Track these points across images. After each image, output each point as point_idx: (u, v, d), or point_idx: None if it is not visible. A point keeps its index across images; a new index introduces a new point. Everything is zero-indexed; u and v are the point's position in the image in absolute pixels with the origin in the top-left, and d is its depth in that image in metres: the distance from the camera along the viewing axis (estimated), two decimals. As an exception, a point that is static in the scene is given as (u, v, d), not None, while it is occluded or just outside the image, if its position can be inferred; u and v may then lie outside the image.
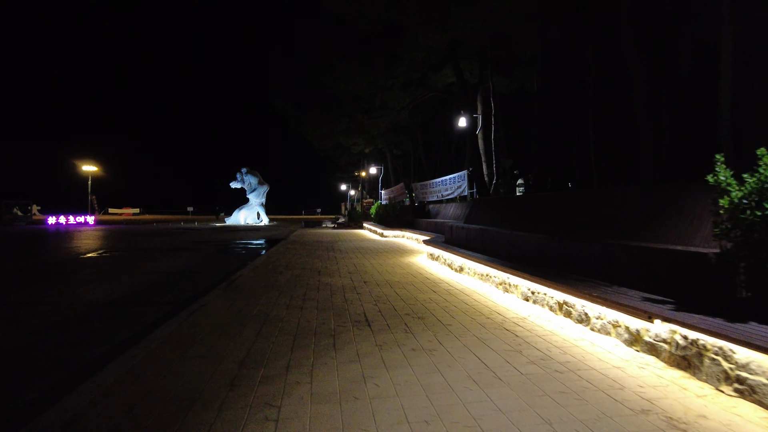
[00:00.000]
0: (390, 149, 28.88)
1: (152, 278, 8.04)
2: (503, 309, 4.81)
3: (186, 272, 8.93)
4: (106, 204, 70.05)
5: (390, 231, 16.65)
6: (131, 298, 6.34)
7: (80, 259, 11.30)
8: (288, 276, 7.22)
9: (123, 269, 9.30)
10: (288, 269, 8.06)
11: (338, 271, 7.74)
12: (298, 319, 4.41)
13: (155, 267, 9.65)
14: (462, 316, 4.48)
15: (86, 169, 57.51)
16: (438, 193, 17.48)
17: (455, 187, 15.69)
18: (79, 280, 7.79)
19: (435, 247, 8.74)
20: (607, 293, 3.71)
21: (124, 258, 11.48)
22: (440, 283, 6.49)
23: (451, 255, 7.74)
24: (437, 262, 8.73)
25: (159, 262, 10.47)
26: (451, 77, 15.98)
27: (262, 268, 8.17)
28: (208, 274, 8.56)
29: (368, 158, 33.04)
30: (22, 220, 31.09)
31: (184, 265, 9.95)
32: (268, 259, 9.67)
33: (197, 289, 6.94)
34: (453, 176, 15.93)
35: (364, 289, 5.96)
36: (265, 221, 38.21)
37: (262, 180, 38.91)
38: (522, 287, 5.22)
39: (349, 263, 8.94)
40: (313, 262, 9.09)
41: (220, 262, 10.58)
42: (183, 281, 7.73)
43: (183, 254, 12.44)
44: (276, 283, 6.48)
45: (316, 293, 5.73)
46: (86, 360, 3.71)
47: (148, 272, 8.84)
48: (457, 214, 13.30)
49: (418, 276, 7.15)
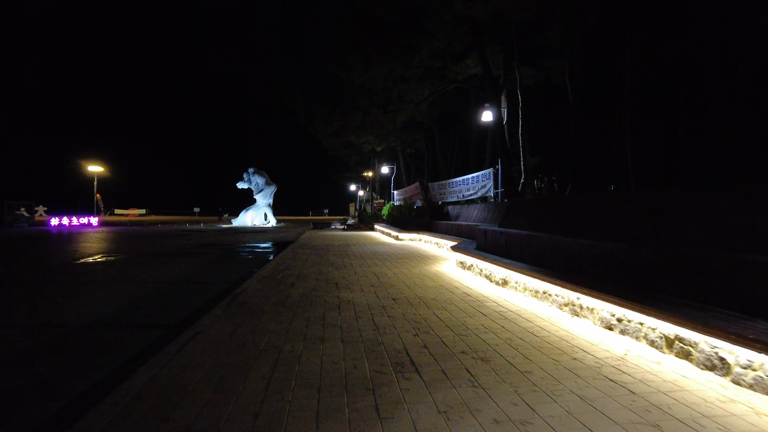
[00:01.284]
0: (403, 148, 27.76)
1: (147, 290, 7.02)
2: (585, 343, 3.71)
3: (186, 282, 7.92)
4: (112, 205, 69.63)
5: (405, 234, 15.58)
6: (117, 317, 5.32)
7: (73, 265, 10.34)
8: (301, 289, 6.17)
9: (117, 278, 8.31)
10: (300, 280, 7.01)
11: (358, 283, 6.67)
12: (320, 357, 3.35)
13: (153, 275, 8.65)
14: (537, 355, 3.39)
15: (92, 169, 57.04)
16: (458, 194, 16.34)
17: (479, 187, 14.57)
18: (64, 293, 6.79)
19: (466, 254, 7.65)
20: (756, 330, 2.61)
21: (120, 264, 10.51)
22: (485, 301, 5.39)
23: (490, 265, 6.65)
24: (470, 272, 7.64)
25: (158, 270, 9.47)
26: (473, 68, 14.87)
27: (271, 279, 7.13)
28: (210, 285, 7.53)
29: (380, 157, 31.92)
30: (25, 222, 30.34)
31: (185, 274, 8.94)
32: (276, 267, 8.63)
33: (196, 304, 5.92)
34: (476, 175, 14.82)
35: (395, 310, 4.89)
36: (272, 223, 37.27)
37: (269, 180, 37.98)
38: (602, 312, 4.12)
39: (369, 272, 7.87)
40: (328, 271, 8.04)
41: (225, 270, 9.57)
42: (181, 294, 6.70)
43: (185, 260, 11.45)
44: (287, 300, 5.42)
45: (337, 315, 4.67)
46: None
47: (144, 282, 7.83)
48: (483, 217, 12.19)
49: (454, 291, 6.07)
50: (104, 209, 65.83)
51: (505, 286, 6.19)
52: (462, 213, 14.14)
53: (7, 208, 30.27)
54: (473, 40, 12.48)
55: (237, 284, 7.26)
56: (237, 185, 37.60)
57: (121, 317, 5.33)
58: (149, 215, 66.51)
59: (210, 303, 5.95)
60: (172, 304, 5.97)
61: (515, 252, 6.74)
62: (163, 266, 10.14)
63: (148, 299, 6.34)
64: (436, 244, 12.92)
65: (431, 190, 19.19)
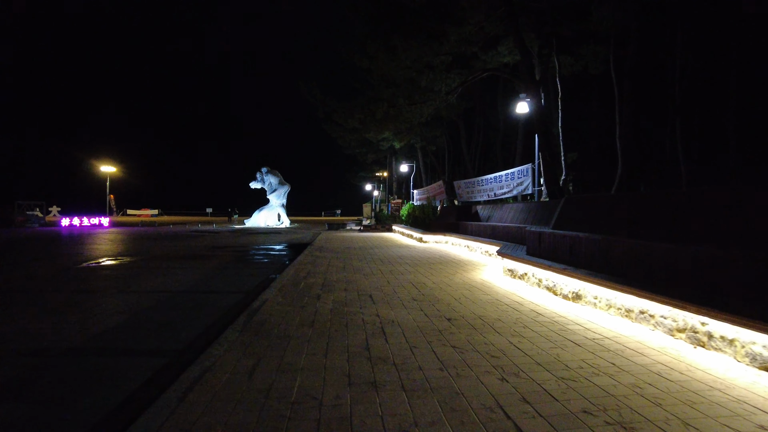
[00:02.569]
0: (423, 145, 26.63)
1: (150, 302, 6.07)
2: (753, 397, 2.62)
3: (195, 292, 6.96)
4: (125, 205, 69.64)
5: (430, 235, 14.52)
6: (111, 339, 4.36)
7: (74, 270, 9.48)
8: (330, 303, 5.16)
9: (119, 286, 7.39)
10: (327, 290, 6.00)
11: (396, 295, 5.64)
12: (380, 418, 2.32)
13: (159, 283, 7.71)
14: (699, 418, 2.32)
15: (105, 169, 56.92)
16: (489, 192, 15.20)
17: (514, 185, 13.44)
18: (55, 305, 5.88)
19: (519, 261, 6.58)
20: None
21: (125, 269, 9.63)
22: (565, 323, 4.31)
23: (554, 275, 5.57)
24: (523, 281, 6.56)
25: (165, 276, 8.55)
26: (506, 56, 13.76)
27: (292, 288, 6.13)
28: (223, 295, 6.57)
29: (398, 155, 30.82)
30: (36, 222, 29.92)
31: (195, 281, 8.00)
32: (297, 274, 7.63)
33: (206, 321, 4.94)
34: (511, 171, 13.68)
35: (457, 337, 3.84)
36: (286, 223, 36.46)
37: (282, 180, 37.18)
38: (752, 345, 3.03)
39: (404, 281, 6.83)
40: (356, 279, 7.02)
41: (238, 277, 8.61)
42: (189, 308, 5.74)
43: (195, 264, 10.53)
44: (316, 320, 4.41)
45: (384, 343, 3.64)
46: None
47: (147, 292, 6.90)
48: (523, 218, 11.07)
49: (518, 308, 5.00)
50: (117, 210, 65.81)
51: (579, 302, 5.11)
52: (494, 213, 13.02)
53: (17, 208, 29.91)
54: (508, 23, 11.33)
55: (253, 294, 6.29)
56: (250, 185, 36.89)
57: (115, 339, 4.37)
58: (162, 216, 66.32)
59: (223, 320, 4.98)
60: (177, 322, 5.00)
61: (584, 259, 5.64)
62: (171, 271, 9.23)
63: (150, 314, 5.37)
64: (467, 247, 11.84)
65: (457, 188, 18.06)
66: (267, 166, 37.16)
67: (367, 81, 20.01)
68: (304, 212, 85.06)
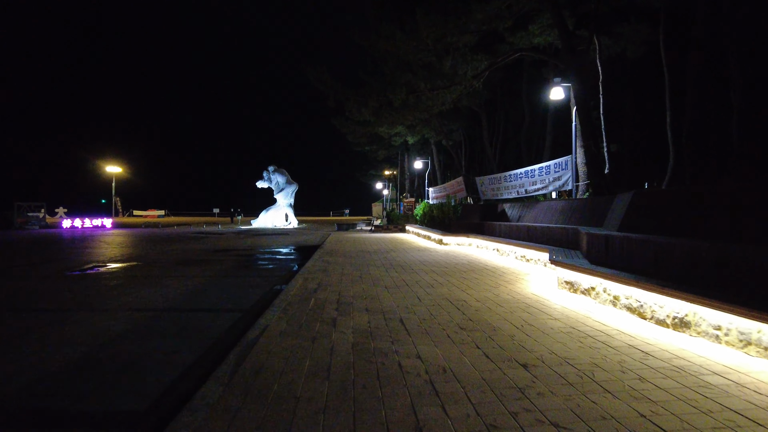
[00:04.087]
0: (439, 139, 25.14)
1: (120, 327, 4.84)
2: None
3: (183, 310, 5.73)
4: (132, 206, 69.00)
5: (451, 237, 13.20)
6: (48, 390, 3.12)
7: (61, 278, 8.33)
8: (349, 334, 3.88)
9: (95, 302, 6.19)
10: (344, 311, 4.73)
11: (434, 320, 4.35)
12: None
13: (143, 297, 6.50)
14: None
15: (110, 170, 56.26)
16: (518, 189, 13.78)
17: (550, 180, 12.05)
18: (22, 327, 4.67)
19: (584, 273, 5.25)
20: None
21: (111, 278, 8.45)
22: (700, 373, 2.97)
23: (645, 293, 4.24)
24: (588, 297, 5.23)
25: (154, 287, 7.34)
26: (537, 35, 12.39)
27: (300, 308, 4.87)
28: (215, 315, 5.33)
29: (411, 152, 29.42)
30: (36, 224, 29.01)
31: (187, 293, 6.77)
32: (306, 285, 6.37)
33: (184, 359, 3.70)
34: (546, 165, 12.28)
35: (554, 404, 2.53)
36: (294, 224, 35.31)
37: (290, 179, 36.03)
38: None
39: (437, 296, 5.54)
40: (378, 294, 5.73)
41: (237, 288, 7.38)
42: (168, 337, 4.49)
43: (192, 271, 9.34)
44: (333, 365, 3.13)
45: (441, 417, 2.34)
46: None
47: (126, 310, 5.68)
48: (565, 217, 9.71)
49: (611, 343, 3.68)
50: (123, 211, 65.14)
51: (686, 330, 3.77)
52: (526, 213, 11.67)
53: (17, 209, 29.02)
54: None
55: (252, 315, 5.06)
56: (256, 184, 35.80)
57: (54, 391, 3.13)
58: (168, 216, 65.56)
59: (208, 356, 3.74)
60: (146, 363, 3.75)
61: (676, 272, 4.32)
62: (162, 281, 8.02)
63: (114, 348, 4.13)
64: (496, 251, 10.50)
65: (480, 185, 16.66)
66: (274, 164, 36.03)
67: (379, 71, 18.64)
68: (312, 212, 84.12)
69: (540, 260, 8.16)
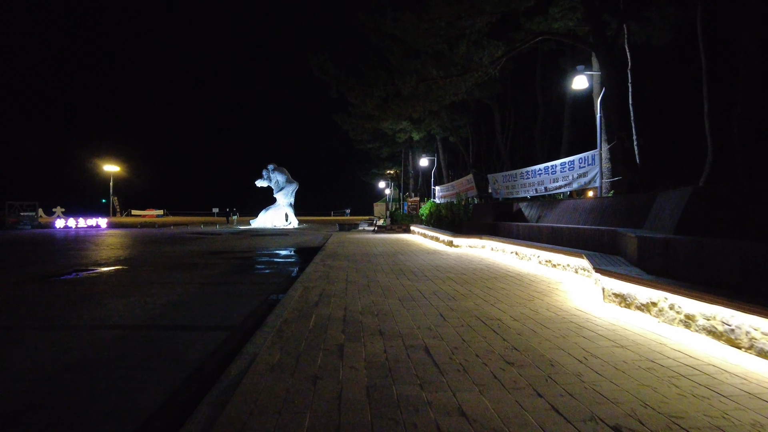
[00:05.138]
0: (446, 136, 24.15)
1: (83, 352, 3.94)
2: None
3: (159, 328, 4.83)
4: (131, 205, 68.10)
5: (462, 239, 12.26)
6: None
7: (32, 285, 7.43)
8: (362, 370, 2.97)
9: (67, 314, 5.30)
10: (352, 335, 3.81)
11: (470, 349, 3.44)
12: None
13: (120, 309, 5.60)
14: None
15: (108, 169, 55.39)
16: (537, 186, 12.80)
17: (575, 176, 11.07)
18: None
19: (651, 287, 4.33)
20: None
21: (90, 285, 7.55)
22: None
23: (741, 315, 3.32)
24: (647, 314, 4.31)
25: (133, 296, 6.44)
26: (558, 19, 11.41)
27: (298, 331, 3.95)
28: (197, 335, 4.42)
29: (415, 149, 28.37)
30: (28, 223, 28.13)
31: (169, 305, 5.86)
32: (306, 296, 5.45)
33: (144, 409, 2.79)
34: (570, 160, 11.30)
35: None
36: (294, 224, 34.41)
37: (290, 178, 35.13)
38: None
39: (464, 312, 4.62)
40: (392, 309, 4.81)
41: (228, 298, 6.47)
42: (130, 369, 3.58)
43: (180, 277, 8.44)
44: (344, 426, 2.22)
45: None
46: None
47: (98, 326, 4.81)
48: (595, 217, 8.77)
49: (716, 386, 2.76)
50: (121, 210, 64.22)
51: (810, 370, 2.85)
52: (547, 212, 10.74)
53: (8, 209, 28.14)
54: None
55: (240, 334, 4.16)
56: (256, 183, 34.92)
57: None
58: (167, 216, 64.61)
59: (175, 402, 2.83)
60: (90, 410, 2.84)
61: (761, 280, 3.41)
62: (145, 288, 7.12)
63: (57, 386, 3.22)
64: (515, 254, 9.58)
65: (493, 183, 15.69)
66: (273, 163, 35.13)
67: (383, 65, 17.70)
68: (313, 212, 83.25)
69: (570, 266, 7.24)
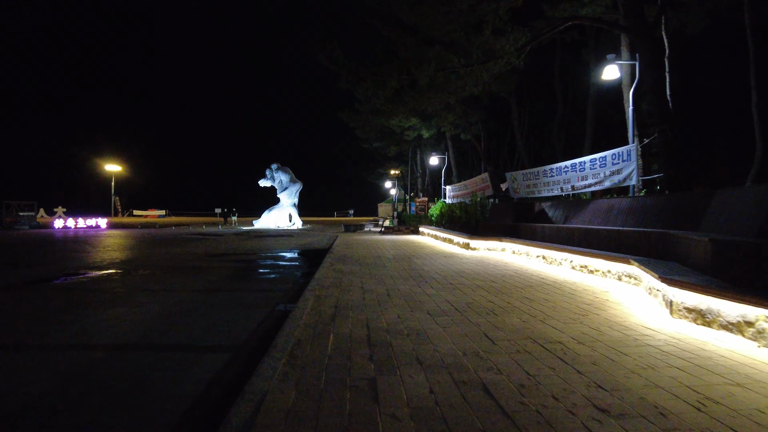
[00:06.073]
0: (457, 133, 23.31)
1: (44, 384, 3.19)
2: None
3: (148, 348, 4.06)
4: (133, 205, 67.45)
5: (479, 241, 11.46)
6: None
7: (11, 294, 6.70)
8: (407, 419, 2.18)
9: (40, 329, 4.55)
10: (384, 367, 3.02)
11: (544, 390, 2.64)
12: None
13: (103, 324, 4.84)
14: None
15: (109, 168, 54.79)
16: (563, 185, 11.94)
17: (606, 173, 10.22)
18: None
19: (741, 302, 3.54)
20: None
21: (78, 292, 6.81)
22: None
23: None
24: (746, 338, 3.51)
25: (124, 305, 5.69)
26: (587, 4, 10.65)
27: (314, 357, 3.16)
28: (192, 357, 3.66)
29: (424, 148, 27.54)
30: (26, 223, 27.52)
31: (160, 317, 5.10)
32: (319, 310, 4.66)
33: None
34: (601, 156, 10.42)
35: None
36: (298, 224, 33.70)
37: (294, 177, 34.43)
38: None
39: (513, 332, 3.83)
40: (426, 327, 4.02)
41: (230, 307, 5.71)
42: (105, 407, 2.81)
43: (177, 282, 7.70)
44: None
45: None
46: None
47: (72, 347, 4.06)
48: (635, 218, 7.96)
49: None
50: (122, 210, 63.59)
51: None
52: (575, 212, 9.94)
53: (6, 208, 27.55)
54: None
55: (244, 358, 3.40)
56: (259, 183, 34.24)
57: None
58: (169, 216, 63.94)
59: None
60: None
61: None
62: (137, 296, 6.37)
63: (5, 435, 2.46)
64: (542, 258, 8.78)
65: (512, 182, 14.85)
66: (277, 162, 34.42)
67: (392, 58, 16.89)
68: (316, 213, 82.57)
69: (612, 272, 6.45)
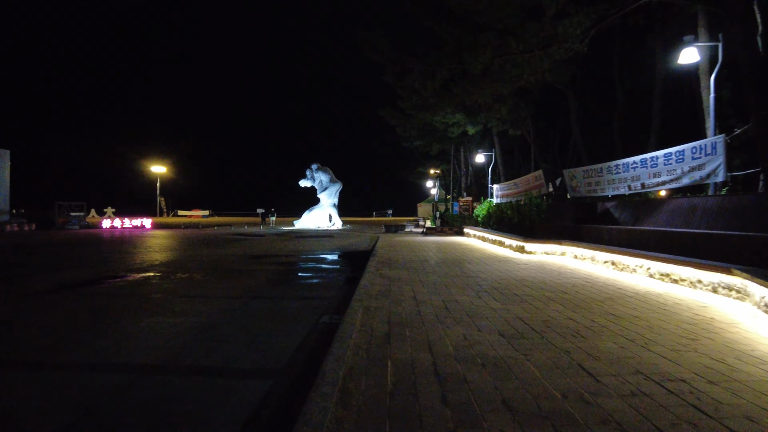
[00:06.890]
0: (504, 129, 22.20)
1: (58, 420, 2.69)
2: None
3: (176, 371, 3.56)
4: (178, 206, 69.70)
5: (535, 244, 10.52)
6: None
7: (45, 297, 6.49)
8: None
9: (60, 343, 4.18)
10: (463, 414, 2.32)
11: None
12: None
13: (130, 338, 4.42)
14: None
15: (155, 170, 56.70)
16: (631, 182, 10.75)
17: (685, 169, 8.97)
18: None
19: None
20: None
21: (113, 298, 6.52)
22: None
23: None
24: None
25: (157, 315, 5.29)
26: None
27: (371, 395, 2.51)
28: (224, 382, 3.10)
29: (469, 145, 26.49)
30: (76, 224, 28.71)
31: (195, 330, 4.62)
32: (369, 327, 4.02)
33: None
34: (678, 150, 9.10)
35: None
36: (338, 225, 33.43)
37: (334, 177, 34.20)
38: None
39: (613, 364, 3.03)
40: (502, 354, 3.28)
41: (270, 319, 5.18)
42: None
43: (215, 288, 7.30)
44: None
45: None
46: None
47: (88, 368, 3.62)
48: (724, 221, 6.87)
49: None
50: (168, 210, 65.80)
51: None
52: (646, 213, 8.86)
53: (58, 209, 28.89)
54: None
55: (285, 389, 2.78)
56: (299, 183, 34.23)
57: None
58: (213, 216, 65.63)
59: None
60: None
61: None
62: (171, 305, 5.96)
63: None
64: (611, 264, 7.79)
65: (570, 180, 13.71)
66: (317, 162, 34.29)
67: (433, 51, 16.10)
68: (354, 212, 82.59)
69: (704, 282, 5.46)
